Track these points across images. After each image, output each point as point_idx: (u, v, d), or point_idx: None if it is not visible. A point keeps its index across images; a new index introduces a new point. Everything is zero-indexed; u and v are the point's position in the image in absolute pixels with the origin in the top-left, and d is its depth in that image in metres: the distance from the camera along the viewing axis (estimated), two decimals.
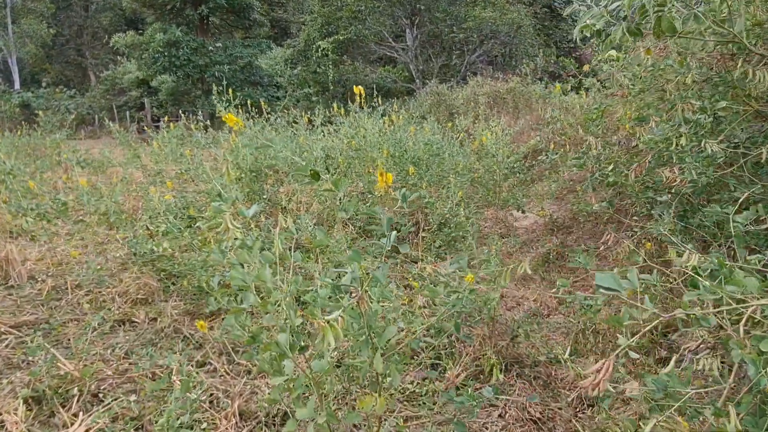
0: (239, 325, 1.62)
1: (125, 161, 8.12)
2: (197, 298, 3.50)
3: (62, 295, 3.68)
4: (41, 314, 3.37)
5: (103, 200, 4.40)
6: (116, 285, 3.66)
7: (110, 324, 3.26)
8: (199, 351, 2.98)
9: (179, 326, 3.21)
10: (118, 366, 2.74)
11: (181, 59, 21.66)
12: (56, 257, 4.40)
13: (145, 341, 3.06)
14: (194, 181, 6.09)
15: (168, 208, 3.65)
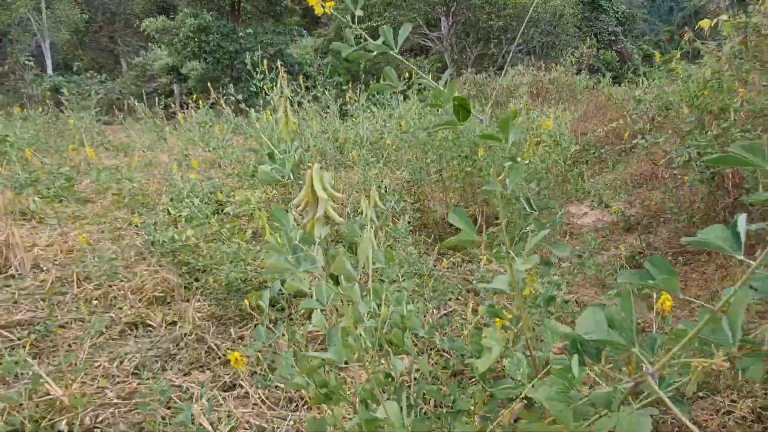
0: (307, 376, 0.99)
1: (151, 144, 7.64)
2: (225, 298, 2.90)
3: (68, 289, 3.12)
4: (40, 312, 2.81)
5: (122, 180, 3.84)
6: (130, 279, 3.09)
7: (120, 327, 2.68)
8: (227, 368, 2.37)
9: (203, 333, 2.61)
10: (124, 386, 2.15)
11: (211, 45, 21.30)
12: (67, 243, 3.86)
13: (161, 352, 2.46)
14: (223, 165, 5.53)
15: (193, 190, 3.06)
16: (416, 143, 5.03)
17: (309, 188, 0.78)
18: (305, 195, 0.78)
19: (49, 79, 26.80)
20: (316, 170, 0.76)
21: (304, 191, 0.77)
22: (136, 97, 18.10)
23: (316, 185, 0.76)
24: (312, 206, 0.78)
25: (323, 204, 0.76)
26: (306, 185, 0.77)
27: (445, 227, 4.60)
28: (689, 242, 0.78)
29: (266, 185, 2.20)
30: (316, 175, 0.76)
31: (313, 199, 0.78)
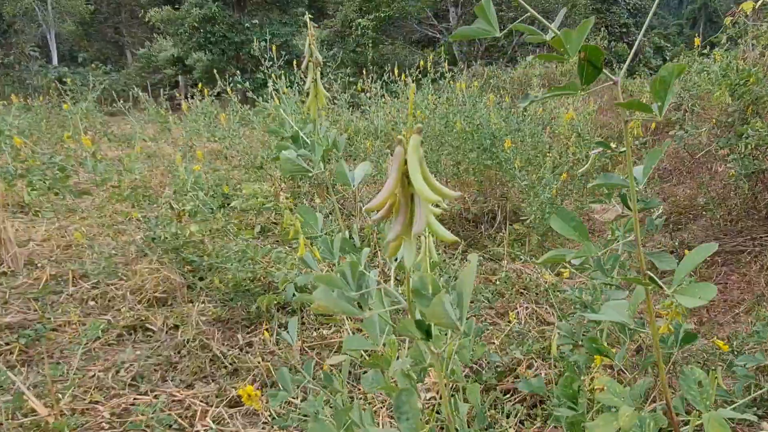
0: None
1: (155, 135, 7.42)
2: (231, 299, 2.67)
3: (63, 288, 2.90)
4: (31, 313, 2.59)
5: (123, 172, 3.61)
6: (130, 277, 2.86)
7: (117, 331, 2.46)
8: (234, 378, 2.14)
9: (207, 339, 2.38)
10: (119, 401, 1.93)
11: (217, 36, 21.08)
12: (65, 238, 3.64)
13: (161, 360, 2.24)
14: (229, 156, 5.30)
15: (197, 182, 2.82)
16: (432, 135, 4.78)
17: (398, 181, 0.48)
18: (390, 191, 0.49)
19: (54, 70, 26.67)
20: (413, 147, 0.47)
21: (390, 185, 0.48)
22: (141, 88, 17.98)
23: (413, 175, 0.47)
24: (401, 212, 0.49)
25: (425, 211, 0.47)
26: (393, 175, 0.48)
27: (464, 223, 4.36)
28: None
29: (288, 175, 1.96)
30: (414, 156, 0.47)
31: (405, 199, 0.49)
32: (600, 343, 0.87)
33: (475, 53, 21.16)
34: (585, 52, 0.68)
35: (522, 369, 2.11)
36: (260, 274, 2.78)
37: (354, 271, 0.56)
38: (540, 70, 14.18)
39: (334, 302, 0.51)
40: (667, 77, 0.67)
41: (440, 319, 0.51)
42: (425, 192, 0.46)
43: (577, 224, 0.76)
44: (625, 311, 0.74)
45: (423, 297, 0.55)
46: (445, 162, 4.82)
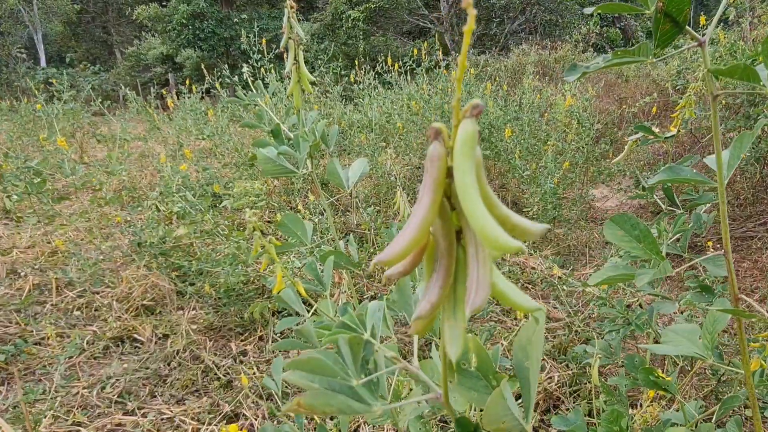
0: None
1: (145, 134, 7.25)
2: (224, 305, 2.54)
3: (47, 298, 2.76)
4: (13, 327, 2.45)
5: (108, 174, 3.45)
6: (116, 285, 2.73)
7: (104, 343, 2.33)
8: (228, 391, 2.01)
9: (198, 349, 2.25)
10: (104, 421, 1.79)
11: (206, 32, 20.85)
12: (51, 245, 3.49)
13: (150, 374, 2.11)
14: (219, 154, 5.14)
15: (185, 182, 2.68)
16: (427, 126, 4.64)
17: (436, 208, 0.27)
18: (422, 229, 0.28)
19: (42, 72, 26.38)
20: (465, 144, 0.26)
21: (422, 217, 0.28)
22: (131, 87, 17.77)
23: (467, 200, 0.25)
24: (441, 264, 0.29)
25: (487, 266, 0.27)
26: (428, 198, 0.27)
27: None
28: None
29: (269, 177, 1.82)
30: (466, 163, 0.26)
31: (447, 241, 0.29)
32: (656, 374, 0.73)
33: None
34: (664, 2, 0.54)
35: None
36: (253, 277, 2.65)
37: (355, 348, 0.39)
38: (533, 57, 14.04)
39: (325, 397, 0.36)
40: None
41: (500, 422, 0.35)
42: (492, 232, 0.24)
43: (641, 233, 0.62)
44: (699, 340, 0.61)
45: (465, 376, 0.40)
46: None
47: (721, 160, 0.62)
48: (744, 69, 0.56)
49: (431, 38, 23.59)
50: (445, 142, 0.27)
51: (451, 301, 0.29)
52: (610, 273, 0.65)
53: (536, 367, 0.40)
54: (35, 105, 9.34)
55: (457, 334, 0.28)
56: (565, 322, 2.46)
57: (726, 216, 0.61)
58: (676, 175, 0.69)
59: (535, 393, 0.39)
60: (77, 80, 24.00)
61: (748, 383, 0.61)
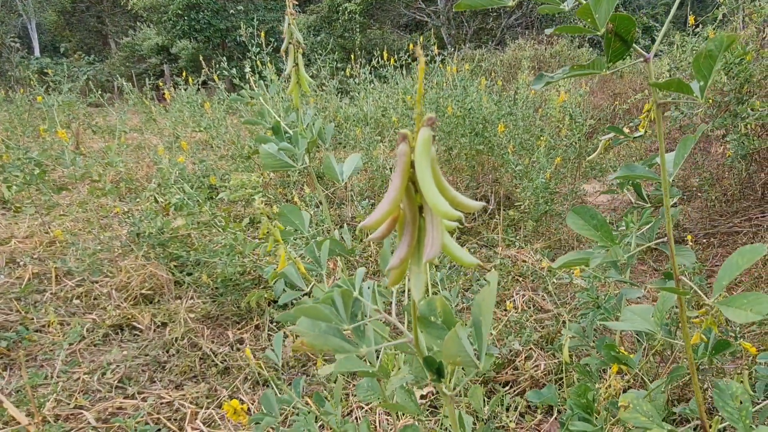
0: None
1: (141, 126, 7.28)
2: (221, 294, 2.59)
3: (47, 286, 2.81)
4: (14, 314, 2.50)
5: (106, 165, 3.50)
6: (115, 274, 2.78)
7: (103, 331, 2.38)
8: (225, 377, 2.08)
9: (196, 337, 2.31)
10: (105, 405, 1.85)
11: (202, 23, 20.75)
12: (49, 234, 3.53)
13: (149, 360, 2.17)
14: (215, 146, 5.19)
15: (182, 174, 2.73)
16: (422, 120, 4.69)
17: (403, 189, 0.37)
18: (393, 204, 0.38)
19: (36, 61, 26.19)
20: (422, 145, 0.36)
21: (393, 196, 0.38)
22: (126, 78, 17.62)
23: (423, 183, 0.36)
24: (407, 229, 0.39)
25: (439, 229, 0.37)
26: (397, 182, 0.37)
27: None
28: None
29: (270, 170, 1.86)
30: (424, 157, 0.36)
31: (412, 213, 0.39)
32: (618, 350, 0.80)
33: (464, 36, 21.00)
34: (614, 23, 0.60)
35: (521, 360, 2.06)
36: (250, 268, 2.70)
37: (347, 299, 0.48)
38: (529, 52, 14.09)
39: (323, 339, 0.44)
40: (715, 51, 0.60)
41: (455, 357, 0.43)
42: (441, 206, 0.35)
43: (599, 222, 0.69)
44: (651, 318, 0.68)
45: (432, 326, 0.47)
46: (437, 147, 4.74)
47: (664, 160, 0.68)
48: (678, 83, 0.63)
49: (428, 32, 23.58)
50: (409, 143, 0.36)
51: (416, 256, 0.38)
52: (571, 257, 0.72)
53: (488, 318, 0.47)
54: (30, 95, 9.34)
55: (420, 281, 0.37)
56: (553, 313, 2.53)
57: (669, 208, 0.67)
58: (631, 172, 0.75)
59: (487, 338, 0.47)
60: (71, 70, 23.83)
61: (687, 353, 0.68)
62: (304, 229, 0.78)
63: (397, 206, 0.39)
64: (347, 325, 0.46)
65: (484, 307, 0.47)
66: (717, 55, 0.61)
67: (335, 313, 0.47)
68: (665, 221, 0.68)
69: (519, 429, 1.78)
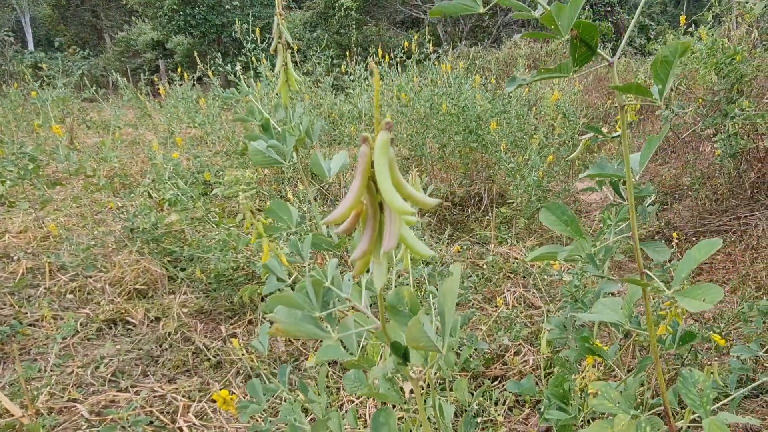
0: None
1: (136, 121, 7.28)
2: (214, 289, 2.61)
3: (40, 281, 2.83)
4: (7, 308, 2.52)
5: (99, 161, 3.51)
6: (108, 269, 2.79)
7: (97, 325, 2.40)
8: (217, 371, 2.10)
9: (189, 332, 2.33)
10: (99, 398, 1.87)
11: (197, 18, 20.68)
12: (42, 229, 3.54)
13: (142, 354, 2.19)
14: (210, 142, 5.19)
15: (176, 170, 2.74)
16: (417, 117, 4.72)
17: (363, 187, 0.41)
18: (354, 200, 0.41)
19: (30, 56, 26.01)
20: (381, 147, 0.39)
21: (354, 193, 0.41)
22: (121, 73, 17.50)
23: (381, 181, 0.39)
24: (368, 224, 0.42)
25: (396, 224, 0.40)
26: (358, 181, 0.41)
27: (451, 207, 4.32)
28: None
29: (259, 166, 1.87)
30: (382, 158, 0.39)
31: (373, 209, 0.42)
32: (592, 342, 0.83)
33: (460, 33, 21.02)
34: (578, 29, 0.63)
35: (510, 355, 2.09)
36: (243, 263, 2.72)
37: (317, 288, 0.51)
38: (525, 50, 14.12)
39: (296, 325, 0.47)
40: (670, 57, 0.63)
41: (419, 342, 0.46)
42: (396, 203, 0.38)
43: (569, 218, 0.72)
44: (620, 309, 0.71)
45: (399, 314, 0.50)
46: (431, 145, 4.77)
47: (629, 162, 0.71)
48: (637, 87, 0.66)
49: (424, 29, 23.56)
50: (370, 144, 0.38)
51: (377, 248, 0.40)
52: (543, 251, 0.74)
53: (451, 306, 0.50)
54: (24, 90, 9.29)
55: (381, 272, 0.40)
56: (543, 309, 2.56)
57: (634, 207, 0.70)
58: (601, 170, 0.78)
59: (450, 324, 0.49)
60: (65, 65, 23.67)
61: (651, 344, 0.71)
62: (292, 224, 0.81)
63: (358, 202, 0.42)
64: (318, 312, 0.49)
65: (447, 296, 0.50)
66: (673, 61, 0.64)
67: (308, 301, 0.49)
68: (632, 218, 0.71)
69: (507, 423, 1.81)
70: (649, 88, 0.68)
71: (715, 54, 3.24)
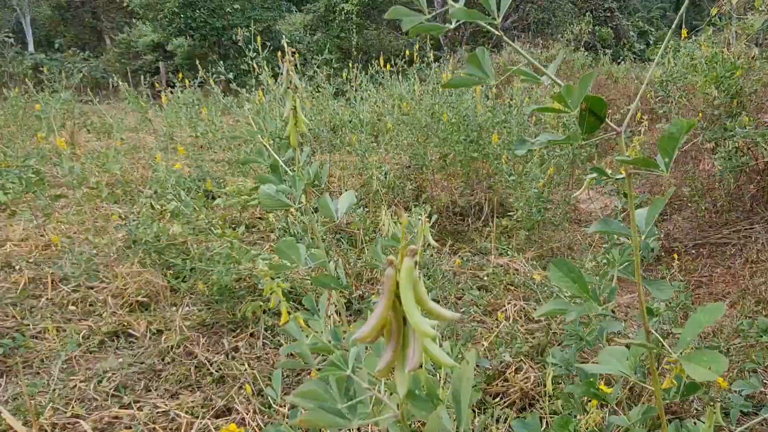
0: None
1: (136, 126, 7.29)
2: (216, 302, 2.62)
3: (42, 292, 2.83)
4: (9, 320, 2.52)
5: (101, 171, 3.52)
6: (111, 281, 2.80)
7: (99, 338, 2.41)
8: (221, 386, 2.11)
9: (192, 345, 2.34)
10: (101, 414, 1.88)
11: (198, 21, 20.73)
12: (44, 238, 3.55)
13: (145, 368, 2.19)
14: (211, 149, 5.21)
15: (178, 181, 2.76)
16: (418, 126, 4.73)
17: (389, 306, 0.43)
18: (381, 318, 0.43)
19: (30, 57, 26.01)
20: (406, 272, 0.41)
21: (381, 311, 0.43)
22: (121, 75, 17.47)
23: (408, 308, 0.41)
24: (393, 336, 0.44)
25: (420, 342, 0.43)
26: (384, 300, 0.43)
27: (451, 216, 4.34)
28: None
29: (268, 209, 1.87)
30: (407, 283, 0.41)
31: (397, 323, 0.44)
32: (596, 386, 0.85)
33: (460, 38, 21.06)
34: (587, 102, 0.65)
35: (511, 372, 2.11)
36: (245, 275, 2.73)
37: (340, 383, 0.52)
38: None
39: (321, 416, 0.48)
40: (676, 134, 0.64)
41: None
42: (422, 327, 0.41)
43: (576, 276, 0.73)
44: (626, 360, 0.72)
45: (417, 399, 0.52)
46: (432, 153, 4.78)
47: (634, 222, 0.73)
48: (644, 160, 0.68)
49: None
50: (396, 267, 0.41)
51: (400, 359, 0.43)
52: (552, 307, 0.76)
53: (467, 394, 0.52)
54: (25, 93, 9.28)
55: (403, 380, 0.42)
56: (544, 323, 2.57)
57: (639, 262, 0.71)
58: (607, 227, 0.80)
59: (467, 413, 0.51)
60: (65, 66, 23.69)
61: (657, 397, 0.72)
62: (300, 262, 0.82)
63: (384, 320, 0.45)
64: (341, 405, 0.51)
65: (463, 384, 0.52)
66: (678, 137, 0.66)
67: (330, 392, 0.52)
68: (637, 275, 0.72)
69: None
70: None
71: (715, 67, 3.26)
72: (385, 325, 0.43)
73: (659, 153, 0.67)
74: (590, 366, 0.74)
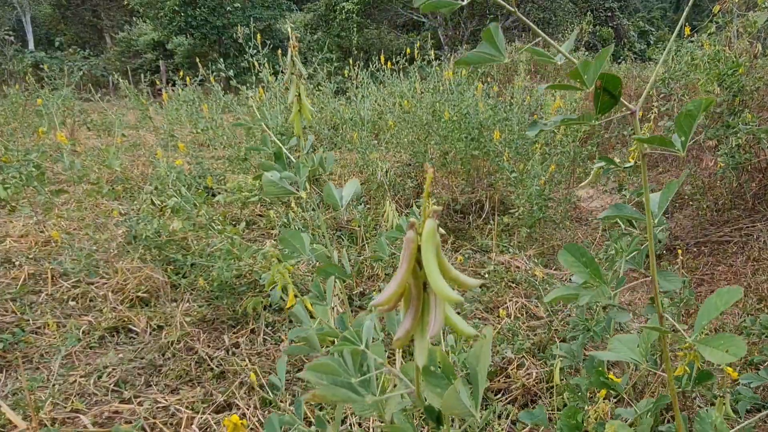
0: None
1: (137, 123, 7.28)
2: (216, 298, 2.61)
3: (42, 287, 2.82)
4: (9, 316, 2.51)
5: (102, 167, 3.51)
6: (111, 276, 2.79)
7: (99, 333, 2.40)
8: (221, 382, 2.10)
9: (192, 341, 2.33)
10: (102, 409, 1.87)
11: (198, 19, 20.70)
12: (44, 233, 3.54)
13: (145, 363, 2.18)
14: (212, 146, 5.20)
15: (179, 177, 2.74)
16: (419, 124, 4.72)
17: (409, 272, 0.41)
18: (401, 284, 0.41)
19: (30, 55, 25.98)
20: (428, 235, 0.39)
21: (401, 278, 0.41)
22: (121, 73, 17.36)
23: (430, 272, 0.39)
24: (412, 304, 0.43)
25: (441, 308, 0.41)
26: (404, 265, 0.41)
27: (452, 215, 4.33)
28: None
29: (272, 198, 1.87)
30: (429, 246, 0.40)
31: (417, 290, 0.42)
32: (605, 375, 0.84)
33: (461, 37, 21.05)
34: (602, 80, 0.64)
35: (513, 368, 2.10)
36: (246, 271, 2.72)
37: (355, 356, 0.52)
38: (526, 55, 14.12)
39: (335, 392, 0.47)
40: (694, 111, 0.63)
41: (454, 410, 0.47)
42: (446, 292, 0.39)
43: (588, 260, 0.72)
44: (637, 347, 0.71)
45: (433, 376, 0.51)
46: (433, 151, 4.77)
47: (649, 207, 0.72)
48: (660, 139, 0.67)
49: (425, 32, 23.62)
50: (416, 230, 0.39)
51: (419, 328, 0.41)
52: (561, 292, 0.75)
53: (484, 371, 0.51)
54: (26, 90, 9.27)
55: (423, 349, 0.40)
56: (545, 320, 2.57)
57: (654, 249, 0.70)
58: (620, 212, 0.79)
59: (483, 389, 0.50)
60: (66, 64, 23.64)
61: (669, 385, 0.71)
62: (304, 251, 0.81)
63: (404, 286, 0.43)
64: (355, 379, 0.50)
65: (480, 360, 0.51)
66: (696, 115, 0.65)
67: (344, 366, 0.50)
68: (651, 266, 0.71)
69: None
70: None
71: (717, 65, 3.25)
72: (404, 292, 0.42)
73: (676, 131, 0.66)
74: (602, 353, 0.73)
